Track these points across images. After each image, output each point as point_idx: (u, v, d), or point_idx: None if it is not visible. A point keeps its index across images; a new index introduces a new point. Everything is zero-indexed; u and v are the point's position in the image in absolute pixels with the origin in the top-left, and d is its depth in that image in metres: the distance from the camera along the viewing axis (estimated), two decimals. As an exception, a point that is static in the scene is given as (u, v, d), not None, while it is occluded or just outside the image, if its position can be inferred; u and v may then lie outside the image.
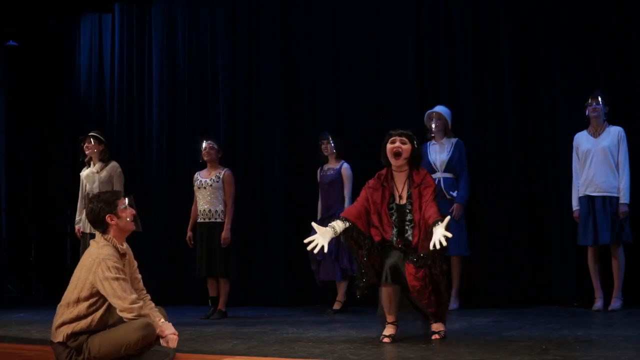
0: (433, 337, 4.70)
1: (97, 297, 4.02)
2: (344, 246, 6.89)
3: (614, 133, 6.23)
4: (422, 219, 4.63)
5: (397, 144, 4.75)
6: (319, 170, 7.28)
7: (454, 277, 6.74)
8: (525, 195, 7.00)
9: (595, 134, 6.31)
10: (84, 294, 4.01)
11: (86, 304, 4.02)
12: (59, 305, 4.11)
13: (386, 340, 4.66)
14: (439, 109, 6.86)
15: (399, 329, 4.77)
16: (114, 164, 6.83)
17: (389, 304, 4.74)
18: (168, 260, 8.68)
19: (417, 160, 4.86)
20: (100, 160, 6.81)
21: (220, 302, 6.84)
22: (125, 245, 4.30)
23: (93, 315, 4.02)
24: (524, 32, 7.11)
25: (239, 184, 7.16)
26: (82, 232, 6.70)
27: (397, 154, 4.73)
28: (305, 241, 4.72)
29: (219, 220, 6.82)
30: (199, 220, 6.89)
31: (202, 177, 6.94)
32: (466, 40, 7.33)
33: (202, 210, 6.86)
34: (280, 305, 7.75)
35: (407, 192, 4.74)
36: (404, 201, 4.74)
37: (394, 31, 7.72)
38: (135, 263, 4.41)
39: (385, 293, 4.74)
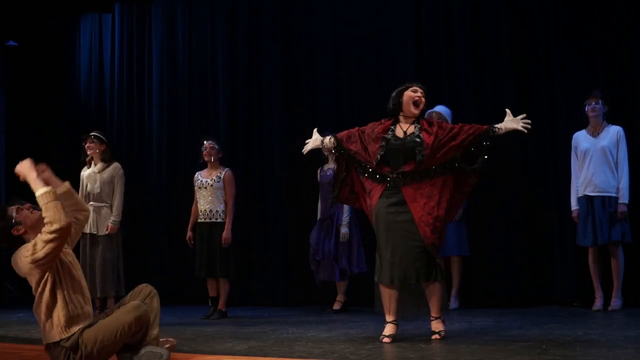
0: (433, 337, 4.70)
1: (50, 279, 3.91)
2: (342, 247, 6.92)
3: (613, 132, 6.23)
4: (443, 141, 4.70)
5: (419, 94, 4.84)
6: (319, 171, 7.28)
7: (454, 277, 6.75)
8: (525, 195, 7.00)
9: (594, 134, 6.30)
10: (40, 287, 3.92)
11: (47, 290, 3.92)
12: (33, 310, 4.03)
13: (386, 340, 4.66)
14: (439, 108, 6.85)
15: (399, 328, 4.77)
16: (116, 164, 6.83)
17: (389, 304, 4.74)
18: (168, 260, 8.69)
19: (422, 116, 4.94)
20: (102, 160, 6.80)
21: (220, 302, 6.84)
22: None
23: (61, 295, 3.91)
24: (524, 32, 7.12)
25: (239, 184, 7.16)
26: (82, 232, 6.70)
27: (416, 103, 4.82)
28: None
29: (219, 220, 6.82)
30: (199, 220, 6.89)
31: (203, 177, 6.94)
32: (466, 40, 7.34)
33: (202, 210, 6.86)
34: (280, 305, 7.76)
35: (415, 128, 4.77)
36: (409, 132, 4.75)
37: (394, 31, 7.72)
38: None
39: (386, 292, 4.75)
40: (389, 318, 4.76)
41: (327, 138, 5.07)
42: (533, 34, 7.09)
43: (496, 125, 4.75)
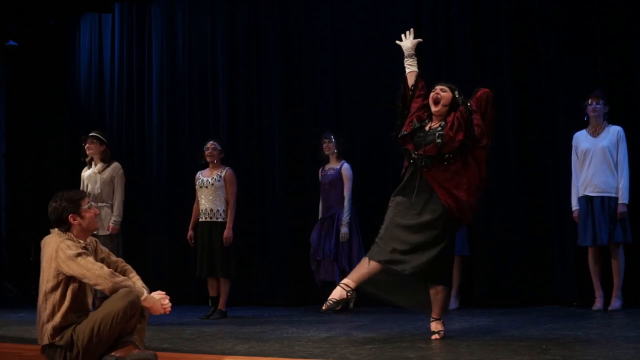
0: (433, 337, 4.70)
1: (65, 284, 3.94)
2: (342, 247, 6.92)
3: (613, 133, 6.22)
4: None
5: (437, 91, 4.96)
6: (320, 170, 7.29)
7: (454, 276, 6.73)
8: (525, 195, 7.00)
9: (595, 134, 6.30)
10: (51, 284, 3.95)
11: (58, 293, 3.94)
12: (38, 305, 4.05)
13: (325, 307, 4.68)
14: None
15: (349, 297, 4.71)
16: (116, 164, 6.83)
17: (364, 275, 4.69)
18: (168, 260, 8.68)
19: (457, 107, 4.95)
20: (102, 160, 6.81)
21: (221, 302, 6.84)
22: (88, 240, 4.20)
23: (68, 303, 3.94)
24: (524, 32, 7.11)
25: (238, 184, 7.16)
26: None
27: (436, 101, 4.93)
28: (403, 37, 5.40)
29: (220, 219, 6.82)
30: (200, 219, 6.89)
31: (204, 176, 6.94)
32: (466, 40, 7.33)
33: (203, 209, 6.86)
34: (280, 305, 7.75)
35: (439, 124, 4.85)
36: (433, 127, 4.84)
37: (394, 31, 7.69)
38: (105, 249, 4.32)
39: (365, 263, 4.71)
40: (347, 281, 4.71)
41: (415, 64, 5.25)
42: (533, 34, 7.09)
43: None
